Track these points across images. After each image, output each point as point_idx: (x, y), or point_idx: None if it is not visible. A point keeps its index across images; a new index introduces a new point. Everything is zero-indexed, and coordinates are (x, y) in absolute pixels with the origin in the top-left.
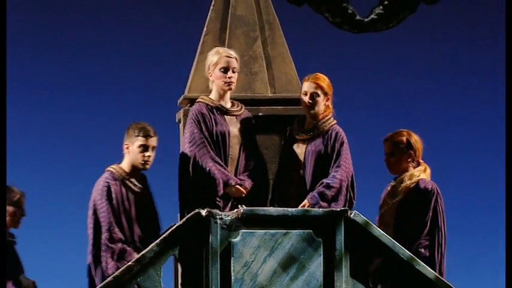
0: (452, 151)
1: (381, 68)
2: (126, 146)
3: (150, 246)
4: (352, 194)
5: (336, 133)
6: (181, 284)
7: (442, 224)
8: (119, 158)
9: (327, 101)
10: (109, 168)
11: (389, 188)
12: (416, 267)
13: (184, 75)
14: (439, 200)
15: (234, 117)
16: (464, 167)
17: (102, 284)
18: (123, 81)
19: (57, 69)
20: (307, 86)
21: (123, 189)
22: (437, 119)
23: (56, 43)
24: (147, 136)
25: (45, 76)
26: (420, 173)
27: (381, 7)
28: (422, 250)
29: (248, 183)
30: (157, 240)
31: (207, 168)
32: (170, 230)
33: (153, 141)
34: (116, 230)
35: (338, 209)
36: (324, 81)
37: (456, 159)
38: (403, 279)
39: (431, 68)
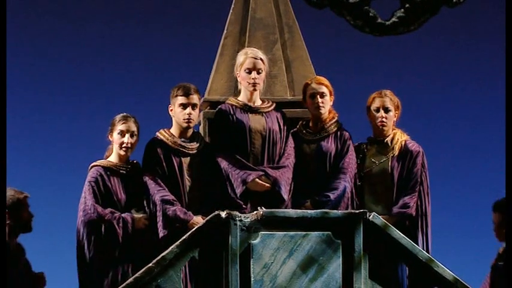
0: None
1: (401, 71)
2: (170, 109)
3: (170, 248)
4: (356, 195)
5: (343, 134)
6: (201, 286)
7: (425, 180)
8: None
9: (331, 101)
10: (157, 134)
11: (372, 150)
12: (435, 268)
13: (205, 78)
14: (424, 159)
15: (260, 114)
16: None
17: (123, 284)
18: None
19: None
20: (314, 88)
21: (170, 154)
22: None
23: (71, 44)
24: (186, 94)
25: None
26: (403, 135)
27: (402, 10)
28: (410, 204)
29: (273, 174)
30: (178, 242)
31: (225, 170)
32: (190, 232)
33: (193, 99)
34: (162, 193)
35: (357, 211)
36: (327, 82)
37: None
38: (421, 280)
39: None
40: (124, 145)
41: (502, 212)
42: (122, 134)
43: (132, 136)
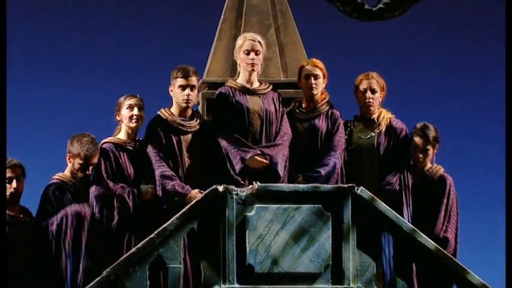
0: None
1: (388, 54)
2: (170, 89)
3: (170, 220)
4: (344, 170)
5: (333, 113)
6: (200, 256)
7: (408, 155)
8: None
9: (324, 83)
10: (158, 113)
11: (359, 126)
12: (418, 238)
13: (204, 61)
14: (408, 135)
15: (258, 96)
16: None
17: (126, 254)
18: (144, 67)
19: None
20: (309, 69)
21: (170, 132)
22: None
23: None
24: (185, 76)
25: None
26: (388, 113)
27: None
28: (394, 179)
29: (269, 152)
30: (178, 215)
31: (224, 148)
32: (190, 205)
33: (192, 81)
34: (162, 168)
35: (346, 186)
36: (322, 65)
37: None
38: (405, 249)
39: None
40: (134, 117)
41: (420, 136)
42: (131, 107)
43: (140, 109)
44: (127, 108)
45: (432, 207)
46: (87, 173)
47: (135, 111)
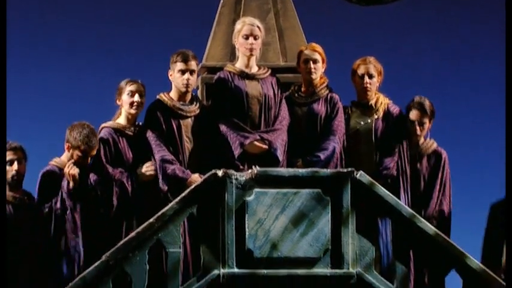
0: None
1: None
2: (169, 74)
3: (170, 205)
4: (343, 155)
5: (333, 98)
6: (199, 240)
7: (405, 141)
8: None
9: (323, 68)
10: (157, 97)
11: (356, 112)
12: (418, 223)
13: (203, 45)
14: (404, 121)
15: (256, 80)
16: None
17: (126, 239)
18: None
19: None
20: (308, 54)
21: (170, 117)
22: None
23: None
24: (184, 60)
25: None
26: (385, 98)
27: None
28: (391, 165)
29: (268, 137)
30: (177, 199)
31: (224, 133)
32: (189, 190)
33: (191, 65)
34: (162, 153)
35: (345, 170)
36: (321, 49)
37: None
38: (404, 234)
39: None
40: (135, 104)
41: (417, 109)
42: (132, 94)
43: (141, 96)
44: (128, 94)
45: (428, 182)
46: (86, 163)
47: (136, 98)
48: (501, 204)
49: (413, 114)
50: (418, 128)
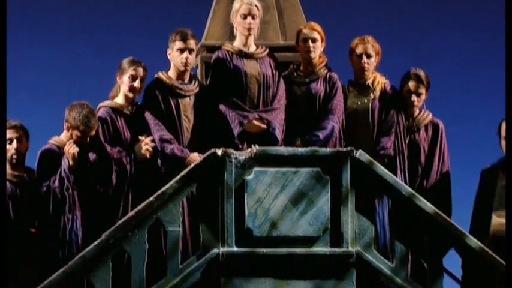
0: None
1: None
2: (168, 52)
3: (169, 183)
4: (342, 134)
5: (332, 77)
6: (199, 219)
7: (402, 121)
8: None
9: (322, 47)
10: (155, 76)
11: (353, 92)
12: (417, 202)
13: (203, 24)
14: (400, 101)
15: (255, 60)
16: None
17: (125, 218)
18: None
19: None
20: (307, 33)
21: (168, 96)
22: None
23: None
24: (183, 39)
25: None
26: (382, 78)
27: None
28: (388, 144)
29: (266, 116)
30: (177, 178)
31: (223, 112)
32: (188, 168)
33: (190, 44)
34: (160, 132)
35: (344, 149)
36: (320, 28)
37: None
38: (403, 213)
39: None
40: (135, 88)
41: (414, 79)
42: (133, 78)
43: (141, 81)
44: (129, 78)
45: (427, 152)
46: (85, 142)
47: (136, 83)
48: (492, 169)
49: (410, 85)
50: (415, 98)
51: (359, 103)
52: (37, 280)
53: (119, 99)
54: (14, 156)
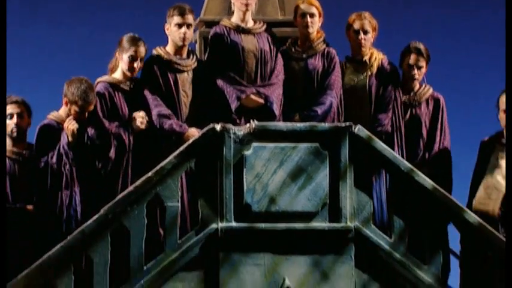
0: None
1: None
2: (166, 27)
3: (168, 159)
4: (341, 109)
5: (329, 52)
6: (197, 195)
7: (399, 97)
8: None
9: (320, 22)
10: (153, 51)
11: (350, 68)
12: (416, 178)
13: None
14: (399, 77)
15: (252, 35)
16: None
17: (124, 193)
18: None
19: None
20: (305, 8)
21: (166, 71)
22: None
23: None
24: (181, 14)
25: None
26: (379, 54)
27: None
28: (385, 121)
29: (264, 91)
30: (175, 153)
31: (220, 87)
32: (187, 144)
33: (188, 19)
34: (159, 107)
35: (343, 124)
36: (318, 3)
37: None
38: (402, 188)
39: None
40: (133, 69)
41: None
42: (133, 58)
43: (141, 60)
44: (128, 57)
45: (429, 126)
46: (83, 117)
47: (136, 64)
48: (490, 141)
49: (411, 59)
50: (416, 71)
51: (356, 79)
52: (37, 255)
53: (117, 75)
54: (14, 130)
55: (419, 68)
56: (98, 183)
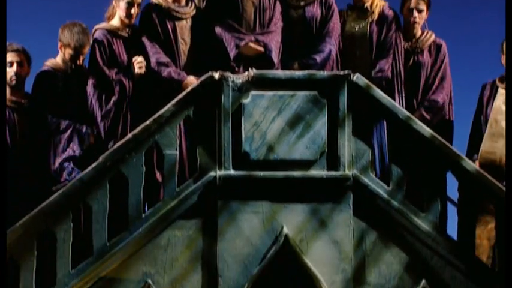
0: None
1: None
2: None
3: (166, 107)
4: (339, 57)
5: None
6: (196, 143)
7: (400, 43)
8: None
9: None
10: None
11: (352, 16)
12: (414, 126)
13: None
14: (400, 23)
15: None
16: None
17: (123, 141)
18: None
19: None
20: None
21: (165, 19)
22: None
23: None
24: None
25: None
26: (381, 1)
27: None
28: (386, 67)
29: (263, 39)
30: (174, 101)
31: (219, 35)
32: (185, 92)
33: None
34: (157, 55)
35: (341, 72)
36: None
37: None
38: (401, 136)
39: None
40: (131, 16)
41: None
42: (129, 4)
43: (138, 6)
44: (126, 4)
45: (430, 72)
46: (78, 62)
47: (133, 10)
48: (493, 83)
49: (411, 2)
50: (417, 15)
51: (357, 27)
52: (35, 203)
53: (115, 22)
54: (13, 78)
55: (419, 11)
56: (98, 131)
